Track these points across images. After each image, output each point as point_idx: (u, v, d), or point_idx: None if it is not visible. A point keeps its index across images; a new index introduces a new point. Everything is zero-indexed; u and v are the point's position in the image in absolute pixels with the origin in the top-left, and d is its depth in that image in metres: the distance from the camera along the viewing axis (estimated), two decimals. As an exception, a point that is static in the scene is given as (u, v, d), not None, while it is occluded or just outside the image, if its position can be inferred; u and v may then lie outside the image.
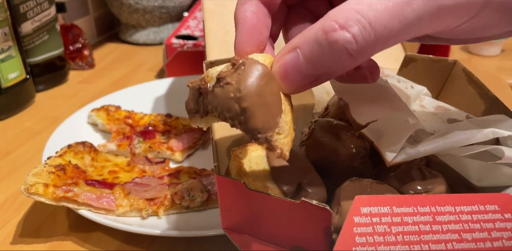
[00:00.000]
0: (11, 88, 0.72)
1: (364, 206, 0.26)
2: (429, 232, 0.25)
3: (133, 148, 0.59)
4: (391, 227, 0.25)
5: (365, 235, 0.25)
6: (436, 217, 0.26)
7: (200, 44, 0.81)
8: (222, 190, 0.31)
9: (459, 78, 0.45)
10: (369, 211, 0.25)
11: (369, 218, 0.25)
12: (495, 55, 0.93)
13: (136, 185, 0.49)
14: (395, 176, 0.34)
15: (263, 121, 0.26)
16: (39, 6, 0.76)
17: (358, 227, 0.25)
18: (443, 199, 0.27)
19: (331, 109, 0.40)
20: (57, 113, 0.74)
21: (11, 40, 0.70)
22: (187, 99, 0.30)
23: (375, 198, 0.26)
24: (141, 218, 0.48)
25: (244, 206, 0.31)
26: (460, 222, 0.26)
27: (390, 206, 0.26)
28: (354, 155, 0.35)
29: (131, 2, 0.97)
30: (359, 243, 0.24)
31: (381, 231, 0.25)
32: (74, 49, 0.90)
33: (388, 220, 0.25)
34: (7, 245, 0.47)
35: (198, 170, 0.54)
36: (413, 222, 0.25)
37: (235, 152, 0.36)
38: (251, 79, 0.26)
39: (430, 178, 0.33)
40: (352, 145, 0.35)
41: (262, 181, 0.33)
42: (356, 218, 0.25)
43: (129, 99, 0.71)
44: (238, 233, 0.32)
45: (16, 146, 0.65)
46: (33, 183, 0.46)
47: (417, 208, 0.26)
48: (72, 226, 0.49)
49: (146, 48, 1.03)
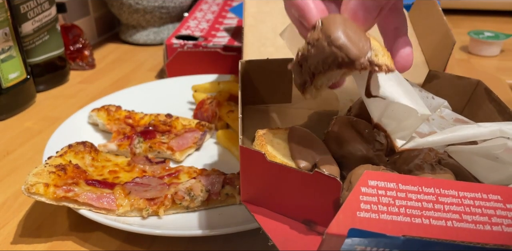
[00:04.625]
0: (11, 88, 0.72)
1: (372, 179, 0.27)
2: (431, 209, 0.26)
3: (133, 148, 0.59)
4: (395, 200, 0.26)
5: (370, 203, 0.26)
6: (439, 198, 0.27)
7: (200, 44, 0.81)
8: (244, 161, 0.33)
9: (481, 97, 0.46)
10: (376, 184, 0.27)
11: (375, 190, 0.27)
12: (495, 55, 0.93)
13: (137, 185, 0.49)
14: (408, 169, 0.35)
15: (358, 48, 0.31)
16: (40, 7, 0.77)
17: (364, 196, 0.26)
18: (448, 183, 0.28)
19: (353, 109, 0.42)
20: (58, 113, 0.74)
21: (12, 40, 0.70)
22: (293, 78, 0.36)
23: (382, 174, 0.28)
24: (142, 218, 0.48)
25: (262, 177, 0.33)
26: (462, 205, 0.27)
27: (396, 183, 0.27)
28: (370, 147, 0.37)
29: (131, 3, 0.97)
30: (363, 209, 0.26)
31: (385, 202, 0.26)
32: (75, 49, 0.90)
33: (393, 194, 0.27)
34: (7, 244, 0.47)
35: (198, 170, 0.54)
36: (417, 199, 0.27)
37: (260, 132, 0.39)
38: (331, 26, 0.31)
39: (440, 173, 0.34)
40: (370, 138, 0.37)
41: (281, 158, 0.36)
42: (363, 188, 0.27)
43: (129, 99, 0.71)
44: (255, 206, 0.34)
45: (17, 146, 0.65)
46: (33, 183, 0.46)
47: (422, 188, 0.27)
48: (73, 226, 0.49)
49: (147, 48, 1.04)
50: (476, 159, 0.34)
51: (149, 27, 1.03)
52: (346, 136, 0.38)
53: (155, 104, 0.71)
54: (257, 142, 0.37)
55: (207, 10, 1.01)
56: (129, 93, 0.73)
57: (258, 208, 0.34)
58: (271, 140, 0.38)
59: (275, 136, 0.38)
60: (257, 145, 0.37)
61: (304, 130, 0.39)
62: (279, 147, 0.37)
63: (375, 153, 0.37)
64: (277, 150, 0.37)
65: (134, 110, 0.67)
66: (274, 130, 0.39)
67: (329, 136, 0.39)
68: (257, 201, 0.34)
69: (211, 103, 0.67)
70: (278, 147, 0.37)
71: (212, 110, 0.66)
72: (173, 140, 0.60)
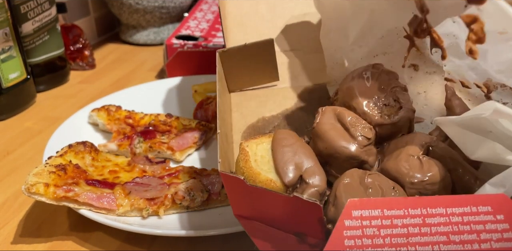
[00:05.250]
0: (11, 88, 0.72)
1: (356, 209, 0.26)
2: (418, 234, 0.26)
3: (133, 148, 0.59)
4: (380, 230, 0.26)
5: (354, 238, 0.25)
6: (426, 219, 0.26)
7: (200, 44, 0.81)
8: (226, 184, 0.33)
9: None
10: (360, 214, 0.26)
11: (359, 221, 0.26)
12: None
13: (137, 185, 0.49)
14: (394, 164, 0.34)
15: None
16: (40, 7, 0.77)
17: (348, 230, 0.26)
18: (435, 200, 0.27)
19: (340, 95, 0.41)
20: (58, 113, 0.74)
21: (12, 40, 0.70)
22: None
23: (367, 201, 0.27)
24: (142, 218, 0.48)
25: (247, 199, 0.33)
26: (450, 224, 0.26)
27: (381, 209, 0.26)
28: (357, 144, 0.36)
29: (131, 3, 0.97)
30: (347, 246, 0.25)
31: (370, 234, 0.26)
32: (75, 49, 0.90)
33: (377, 223, 0.26)
34: (7, 244, 0.47)
35: (198, 170, 0.54)
36: (402, 224, 0.26)
37: (242, 145, 0.38)
38: None
39: (428, 167, 0.34)
40: (357, 134, 0.37)
41: (265, 174, 0.35)
42: (347, 222, 0.26)
43: (129, 99, 0.71)
44: (247, 219, 0.35)
45: (17, 146, 0.65)
46: (33, 183, 0.46)
47: (408, 210, 0.26)
48: (73, 226, 0.49)
49: (147, 48, 1.04)
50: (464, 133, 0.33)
51: (149, 27, 1.03)
52: (332, 134, 0.37)
53: (155, 104, 0.71)
54: (241, 157, 0.37)
55: (207, 10, 1.01)
56: (129, 93, 0.73)
57: (250, 222, 0.34)
58: (255, 153, 0.37)
59: (259, 147, 0.38)
60: (241, 160, 0.37)
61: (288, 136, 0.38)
62: (263, 161, 0.36)
63: (362, 150, 0.36)
64: (261, 164, 0.36)
65: (134, 110, 0.67)
66: (257, 140, 0.38)
67: (315, 133, 0.38)
68: (248, 216, 0.35)
69: (211, 103, 0.67)
70: (262, 161, 0.36)
71: (212, 110, 0.66)
72: (173, 140, 0.60)
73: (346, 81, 0.42)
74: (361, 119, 0.38)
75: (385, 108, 0.39)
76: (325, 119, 0.38)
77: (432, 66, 0.45)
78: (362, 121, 0.38)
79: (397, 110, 0.39)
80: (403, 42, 0.45)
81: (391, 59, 0.46)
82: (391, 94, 0.39)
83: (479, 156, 0.32)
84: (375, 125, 0.38)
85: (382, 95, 0.39)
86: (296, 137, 0.38)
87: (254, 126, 0.46)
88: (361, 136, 0.37)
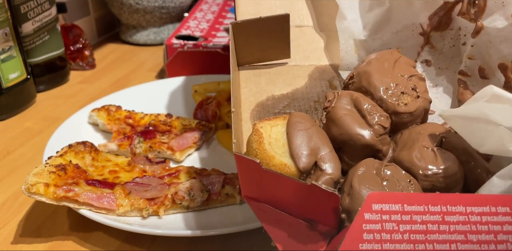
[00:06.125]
0: (11, 88, 0.72)
1: (376, 203, 0.26)
2: (436, 232, 0.25)
3: (133, 148, 0.59)
4: (399, 225, 0.26)
5: (373, 232, 0.25)
6: (445, 217, 0.26)
7: (200, 44, 0.81)
8: (239, 166, 0.32)
9: None
10: (380, 208, 0.26)
11: (379, 215, 0.26)
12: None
13: (137, 185, 0.49)
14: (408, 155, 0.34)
15: None
16: (40, 7, 0.77)
17: (368, 224, 0.25)
18: (455, 198, 0.27)
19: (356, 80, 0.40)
20: (58, 113, 0.74)
21: (12, 40, 0.70)
22: None
23: (388, 195, 0.27)
24: (142, 218, 0.48)
25: (260, 183, 0.32)
26: (469, 223, 0.26)
27: (402, 204, 0.26)
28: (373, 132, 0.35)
29: (131, 3, 0.97)
30: (366, 240, 0.25)
31: (389, 229, 0.25)
32: (75, 49, 0.90)
33: (397, 218, 0.26)
34: (7, 244, 0.47)
35: (198, 170, 0.54)
36: (422, 221, 0.26)
37: (256, 126, 0.37)
38: None
39: (442, 159, 0.33)
40: (374, 122, 0.36)
41: (280, 158, 0.34)
42: (366, 215, 0.26)
43: (129, 99, 0.71)
44: (256, 201, 0.34)
45: (17, 146, 0.65)
46: (34, 183, 0.46)
47: (428, 207, 0.26)
48: (73, 226, 0.50)
49: (147, 48, 1.04)
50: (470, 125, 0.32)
51: (149, 27, 1.03)
52: (348, 121, 0.36)
53: (155, 104, 0.71)
54: (255, 138, 0.36)
55: (207, 10, 1.01)
56: (129, 93, 0.73)
57: (259, 204, 0.34)
58: (269, 135, 0.36)
59: (273, 129, 0.37)
60: (254, 141, 0.36)
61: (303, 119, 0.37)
62: (278, 144, 0.36)
63: (378, 139, 0.35)
64: (275, 148, 0.35)
65: (134, 110, 0.67)
66: (272, 121, 0.38)
67: (330, 118, 0.37)
68: (257, 198, 0.34)
69: (211, 103, 0.67)
70: (277, 144, 0.36)
71: (212, 110, 0.66)
72: (173, 140, 0.60)
73: (363, 66, 0.40)
74: (378, 107, 0.37)
75: (403, 96, 0.38)
76: (341, 104, 0.37)
77: (445, 62, 0.45)
78: (379, 109, 0.37)
79: (414, 99, 0.38)
80: (417, 39, 0.45)
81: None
82: (409, 83, 0.38)
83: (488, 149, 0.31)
84: (391, 113, 0.37)
85: (400, 83, 0.38)
86: (311, 122, 0.37)
87: (264, 104, 0.45)
88: (377, 125, 0.36)
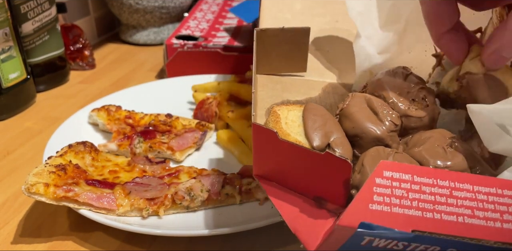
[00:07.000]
0: (11, 88, 0.72)
1: (387, 170, 0.27)
2: (444, 203, 0.26)
3: (133, 148, 0.59)
4: (408, 193, 0.26)
5: (383, 195, 0.26)
6: (453, 191, 0.27)
7: (200, 44, 0.81)
8: (256, 138, 0.33)
9: None
10: (391, 176, 0.27)
11: (389, 181, 0.27)
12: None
13: (137, 185, 0.49)
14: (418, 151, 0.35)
15: None
16: (40, 7, 0.77)
17: (378, 187, 0.26)
18: (463, 177, 0.27)
19: (369, 86, 0.42)
20: (58, 113, 0.74)
21: (12, 40, 0.70)
22: None
23: (398, 165, 0.27)
24: (142, 218, 0.48)
25: (274, 155, 0.33)
26: (476, 200, 0.26)
27: (412, 174, 0.27)
28: (384, 127, 0.37)
29: (131, 3, 0.97)
30: (376, 201, 0.26)
31: (398, 195, 0.26)
32: (75, 49, 0.90)
33: (407, 186, 0.27)
34: (7, 244, 0.47)
35: (198, 170, 0.54)
36: (430, 192, 0.26)
37: (274, 108, 0.39)
38: None
39: (452, 156, 0.34)
40: (384, 118, 0.37)
41: (295, 136, 0.36)
42: (377, 179, 0.26)
43: (129, 99, 0.71)
44: (267, 180, 0.35)
45: (17, 146, 0.65)
46: (33, 183, 0.46)
47: (437, 180, 0.27)
48: (73, 226, 0.50)
49: (147, 48, 1.04)
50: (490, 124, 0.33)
51: (149, 27, 1.03)
52: (360, 115, 0.37)
53: (155, 104, 0.71)
54: (272, 118, 0.38)
55: (207, 10, 1.01)
56: (129, 93, 0.73)
57: (270, 183, 0.35)
58: (286, 117, 0.38)
59: (290, 112, 0.39)
60: (271, 121, 0.37)
61: (319, 108, 0.39)
62: (293, 125, 0.37)
63: (388, 134, 0.37)
64: (291, 127, 0.37)
65: (134, 110, 0.67)
66: (289, 106, 0.39)
67: (343, 114, 0.39)
68: (269, 176, 0.35)
69: (211, 103, 0.67)
70: (292, 125, 0.37)
71: (212, 110, 0.66)
72: (173, 140, 0.60)
73: (376, 76, 0.43)
74: (390, 107, 0.39)
75: (413, 103, 0.40)
76: (355, 102, 0.39)
77: None
78: (391, 109, 0.39)
79: (423, 107, 0.40)
80: (429, 60, 0.46)
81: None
82: (419, 93, 0.40)
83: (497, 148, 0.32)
84: (402, 116, 0.39)
85: (411, 91, 0.40)
86: (326, 111, 0.39)
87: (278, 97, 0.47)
88: (389, 121, 0.37)
